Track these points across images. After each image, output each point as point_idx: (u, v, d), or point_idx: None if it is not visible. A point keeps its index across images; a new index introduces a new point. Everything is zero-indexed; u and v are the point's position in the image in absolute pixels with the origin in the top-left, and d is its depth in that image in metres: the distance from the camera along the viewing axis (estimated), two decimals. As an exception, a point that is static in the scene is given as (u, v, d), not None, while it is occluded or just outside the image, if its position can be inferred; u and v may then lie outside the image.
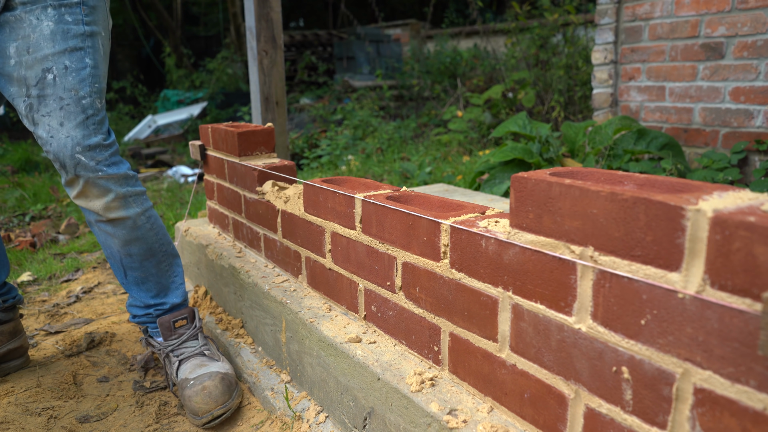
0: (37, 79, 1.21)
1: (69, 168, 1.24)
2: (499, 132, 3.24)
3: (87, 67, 1.25)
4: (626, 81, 3.27)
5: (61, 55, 1.22)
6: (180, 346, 1.41)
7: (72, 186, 1.28)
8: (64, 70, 1.22)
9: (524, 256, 0.78)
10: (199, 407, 1.27)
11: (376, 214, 1.08)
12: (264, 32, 2.55)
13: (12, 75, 1.22)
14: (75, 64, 1.23)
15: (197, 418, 1.28)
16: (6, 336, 1.50)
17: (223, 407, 1.28)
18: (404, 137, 5.14)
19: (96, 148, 1.26)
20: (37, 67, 1.21)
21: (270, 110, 2.64)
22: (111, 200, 1.30)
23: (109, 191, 1.29)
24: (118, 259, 1.39)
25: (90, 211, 1.32)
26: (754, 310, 0.54)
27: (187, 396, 1.30)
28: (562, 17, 4.83)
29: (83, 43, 1.25)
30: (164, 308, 1.45)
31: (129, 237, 1.35)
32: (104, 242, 1.38)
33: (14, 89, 1.23)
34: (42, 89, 1.21)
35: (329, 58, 9.03)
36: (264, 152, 1.72)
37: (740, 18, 2.71)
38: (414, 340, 1.04)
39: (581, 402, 0.73)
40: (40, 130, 1.23)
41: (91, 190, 1.27)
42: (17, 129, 8.26)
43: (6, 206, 3.55)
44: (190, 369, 1.36)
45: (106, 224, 1.33)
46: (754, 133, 2.75)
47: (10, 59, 1.21)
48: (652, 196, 0.62)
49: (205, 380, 1.30)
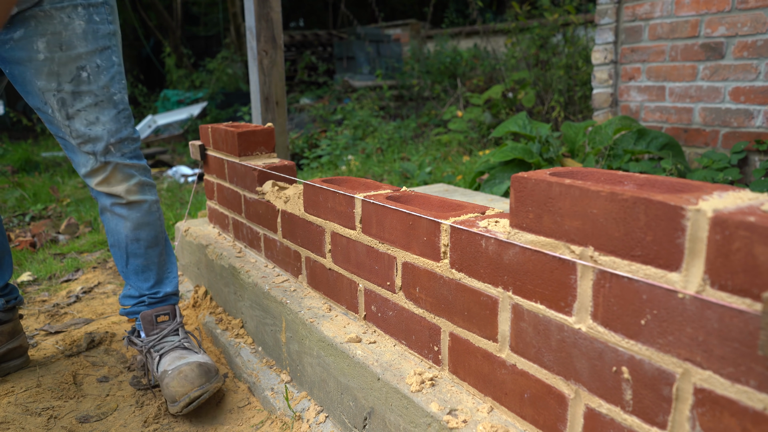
0: (71, 76, 1.27)
1: (100, 156, 1.34)
2: (499, 132, 3.24)
3: (114, 65, 1.34)
4: (626, 81, 3.27)
5: (93, 54, 1.29)
6: (160, 341, 1.43)
7: (97, 173, 1.36)
8: (96, 69, 1.30)
9: (524, 256, 0.78)
10: (175, 391, 1.28)
11: (376, 214, 1.08)
12: (264, 32, 2.55)
13: (41, 69, 1.26)
14: (105, 62, 1.32)
15: (175, 404, 1.28)
16: (5, 336, 1.51)
17: (200, 389, 1.27)
18: (404, 137, 5.14)
19: (125, 140, 1.37)
20: (71, 65, 1.27)
21: (270, 110, 2.64)
22: (133, 184, 1.40)
23: (133, 176, 1.40)
24: (124, 246, 1.44)
25: (109, 196, 1.39)
26: (754, 310, 0.54)
27: (164, 385, 1.31)
28: (562, 17, 4.83)
29: (110, 42, 1.33)
30: (158, 296, 1.48)
31: (141, 221, 1.43)
32: (114, 228, 1.43)
33: (42, 83, 1.27)
34: (77, 86, 1.28)
35: (329, 58, 9.03)
36: (264, 152, 1.72)
37: (740, 18, 2.71)
38: (414, 340, 1.04)
39: (581, 402, 0.73)
40: (77, 123, 1.31)
41: (116, 176, 1.37)
42: (17, 129, 8.26)
43: (6, 206, 3.55)
44: (169, 361, 1.37)
45: (123, 207, 1.40)
46: (754, 133, 2.75)
47: (38, 53, 1.24)
48: (652, 196, 0.62)
49: (182, 367, 1.32)
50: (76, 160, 1.36)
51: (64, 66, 1.26)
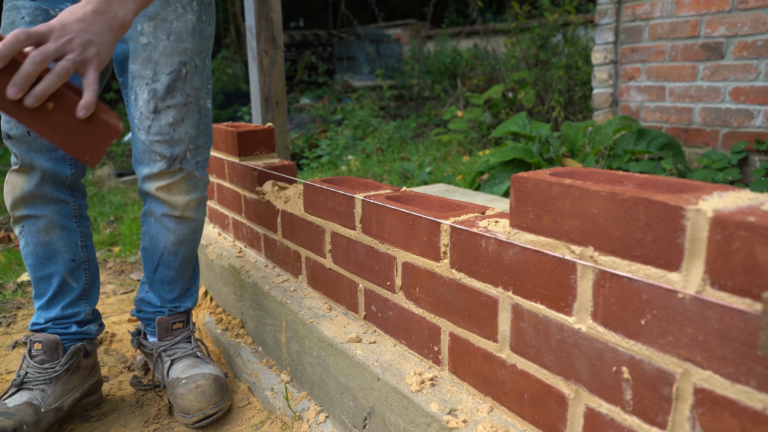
0: (171, 68, 1.21)
1: (176, 161, 1.26)
2: (499, 132, 3.24)
3: (206, 68, 1.28)
4: (626, 81, 3.27)
5: (195, 53, 1.24)
6: (173, 347, 1.40)
7: (162, 178, 1.27)
8: (194, 68, 1.24)
9: (524, 256, 0.78)
10: (191, 405, 1.26)
11: (376, 214, 1.08)
12: (264, 32, 2.55)
13: (138, 53, 1.20)
14: (201, 63, 1.26)
15: (187, 417, 1.27)
16: (88, 370, 1.35)
17: (215, 407, 1.27)
18: (404, 137, 5.14)
19: (200, 149, 1.31)
20: (174, 57, 1.21)
21: (270, 110, 2.64)
22: (192, 199, 1.32)
23: (196, 189, 1.32)
24: (159, 255, 1.37)
25: (163, 205, 1.31)
26: (754, 310, 0.54)
27: (178, 394, 1.29)
28: (562, 17, 4.83)
29: (208, 44, 1.28)
30: (179, 310, 1.43)
31: (185, 238, 1.36)
32: (155, 235, 1.35)
33: (136, 67, 1.21)
34: (174, 80, 1.21)
35: (329, 58, 9.03)
36: (264, 152, 1.73)
37: (740, 18, 2.71)
38: (414, 340, 1.04)
39: (581, 402, 0.73)
40: (163, 119, 1.22)
41: (181, 185, 1.29)
42: (17, 129, 8.24)
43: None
44: (182, 369, 1.35)
45: (172, 220, 1.33)
46: (754, 133, 2.75)
47: (141, 35, 1.18)
48: (652, 196, 0.62)
49: (198, 379, 1.29)
50: (140, 157, 1.27)
51: (167, 57, 1.19)
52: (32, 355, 1.26)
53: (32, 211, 1.23)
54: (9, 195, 1.23)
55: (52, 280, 1.28)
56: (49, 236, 1.26)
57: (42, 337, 1.26)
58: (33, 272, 1.28)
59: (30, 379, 1.23)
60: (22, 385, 1.23)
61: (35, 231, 1.25)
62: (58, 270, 1.28)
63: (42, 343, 1.25)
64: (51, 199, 1.24)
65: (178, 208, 1.31)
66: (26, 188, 1.21)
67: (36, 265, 1.27)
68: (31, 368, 1.25)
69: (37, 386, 1.23)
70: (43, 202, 1.24)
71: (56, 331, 1.28)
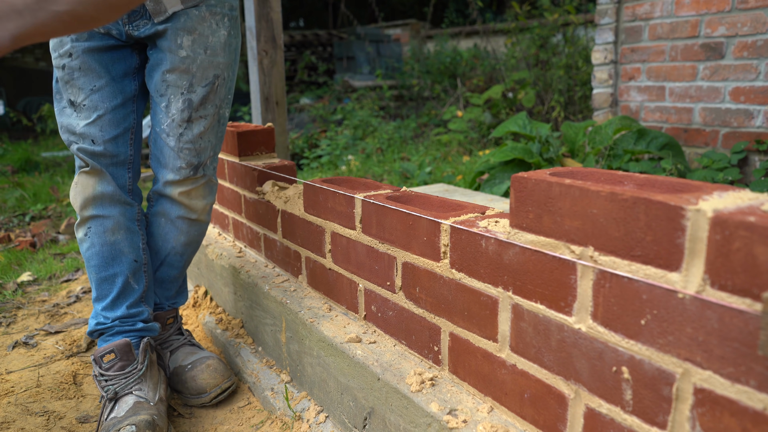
0: (206, 81, 1.26)
1: (200, 168, 1.33)
2: (499, 132, 3.24)
3: (232, 80, 1.34)
4: (626, 81, 3.27)
5: (226, 66, 1.30)
6: (168, 339, 1.46)
7: (185, 183, 1.33)
8: (224, 80, 1.30)
9: (524, 256, 0.78)
10: (206, 383, 1.34)
11: (376, 214, 1.08)
12: (264, 32, 2.55)
13: (177, 65, 1.24)
14: (229, 76, 1.32)
15: (203, 395, 1.34)
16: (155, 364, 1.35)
17: (229, 381, 1.37)
18: (404, 137, 5.14)
19: (215, 157, 1.38)
20: (210, 71, 1.26)
21: (270, 110, 2.64)
22: (208, 203, 1.40)
23: (211, 193, 1.40)
24: (164, 255, 1.41)
25: (182, 207, 1.36)
26: (754, 310, 0.54)
27: (190, 377, 1.36)
28: (562, 17, 4.83)
29: (236, 57, 1.34)
30: (176, 306, 1.50)
31: (194, 239, 1.42)
32: (164, 235, 1.39)
33: (173, 77, 1.24)
34: (207, 92, 1.27)
35: (329, 58, 9.03)
36: (264, 152, 1.73)
37: (740, 18, 2.71)
38: (414, 340, 1.04)
39: (581, 402, 0.73)
40: (195, 128, 1.28)
41: (201, 191, 1.36)
42: (17, 129, 8.26)
43: (6, 206, 3.55)
44: (182, 356, 1.42)
45: (186, 221, 1.38)
46: (754, 133, 2.75)
47: (181, 49, 1.23)
48: (652, 196, 0.62)
49: (206, 360, 1.38)
50: (164, 161, 1.30)
51: (204, 70, 1.25)
52: (107, 366, 1.26)
53: (101, 212, 1.27)
54: (80, 195, 1.26)
55: (116, 281, 1.30)
56: (115, 236, 1.29)
57: (112, 346, 1.26)
58: (97, 272, 1.30)
59: (121, 388, 1.24)
60: (116, 396, 1.23)
61: (102, 231, 1.28)
62: (122, 270, 1.30)
63: (114, 351, 1.26)
64: (119, 201, 1.28)
65: (196, 211, 1.38)
66: (98, 189, 1.25)
67: (101, 265, 1.29)
68: (113, 379, 1.25)
69: (132, 390, 1.24)
70: (111, 203, 1.27)
71: (123, 329, 1.30)
